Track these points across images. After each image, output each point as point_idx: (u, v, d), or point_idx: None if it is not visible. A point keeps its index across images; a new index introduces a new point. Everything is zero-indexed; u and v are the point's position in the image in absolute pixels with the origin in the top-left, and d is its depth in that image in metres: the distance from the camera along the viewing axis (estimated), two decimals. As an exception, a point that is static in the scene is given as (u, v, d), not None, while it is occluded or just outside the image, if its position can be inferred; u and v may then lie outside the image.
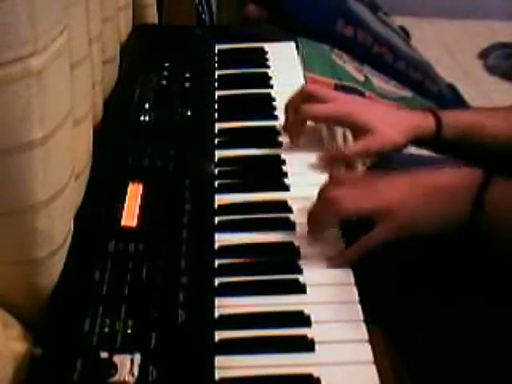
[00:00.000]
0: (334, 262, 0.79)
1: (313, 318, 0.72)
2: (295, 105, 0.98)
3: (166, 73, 1.11)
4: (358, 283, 0.77)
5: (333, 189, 0.82)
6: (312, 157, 0.96)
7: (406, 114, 0.95)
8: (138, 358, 0.64)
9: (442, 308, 0.89)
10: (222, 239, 0.82)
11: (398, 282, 0.90)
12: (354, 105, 0.95)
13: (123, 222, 0.80)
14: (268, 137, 1.01)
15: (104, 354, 0.64)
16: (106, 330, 0.66)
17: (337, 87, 1.60)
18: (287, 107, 1.00)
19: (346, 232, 0.83)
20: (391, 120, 0.93)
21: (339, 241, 0.82)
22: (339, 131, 1.43)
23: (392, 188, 0.80)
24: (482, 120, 0.95)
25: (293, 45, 1.27)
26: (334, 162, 0.94)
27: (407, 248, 0.83)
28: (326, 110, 0.95)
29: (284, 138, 1.00)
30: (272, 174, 0.94)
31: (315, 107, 0.95)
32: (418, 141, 0.94)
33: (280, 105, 1.06)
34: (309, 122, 0.99)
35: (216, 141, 0.99)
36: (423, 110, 0.97)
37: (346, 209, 0.79)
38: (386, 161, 1.01)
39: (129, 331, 0.67)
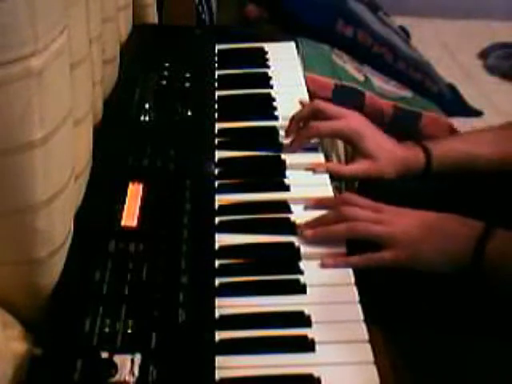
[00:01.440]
0: (336, 263, 0.79)
1: (313, 318, 0.72)
2: (302, 119, 0.99)
3: (166, 73, 1.11)
4: (357, 283, 0.77)
5: (347, 208, 0.84)
6: (312, 158, 0.97)
7: (398, 147, 0.98)
8: (138, 357, 0.64)
9: (443, 308, 0.89)
10: (222, 239, 0.82)
11: (399, 282, 0.90)
12: (361, 126, 0.97)
13: (123, 222, 0.80)
14: (268, 137, 1.01)
15: (104, 354, 0.64)
16: (107, 329, 0.66)
17: (337, 87, 1.60)
18: (293, 119, 1.00)
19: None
20: (388, 150, 0.96)
21: (340, 241, 0.82)
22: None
23: (401, 220, 0.83)
24: (472, 149, 0.98)
25: (293, 45, 1.27)
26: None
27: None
28: (334, 127, 0.97)
29: (284, 139, 1.00)
30: (272, 174, 0.94)
31: (325, 124, 0.97)
32: (408, 174, 0.97)
33: (280, 105, 1.06)
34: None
35: (216, 141, 0.99)
36: (414, 144, 0.99)
37: (359, 230, 0.82)
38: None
39: (129, 331, 0.67)
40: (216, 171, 0.93)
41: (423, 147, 0.97)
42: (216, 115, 1.05)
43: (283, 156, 0.97)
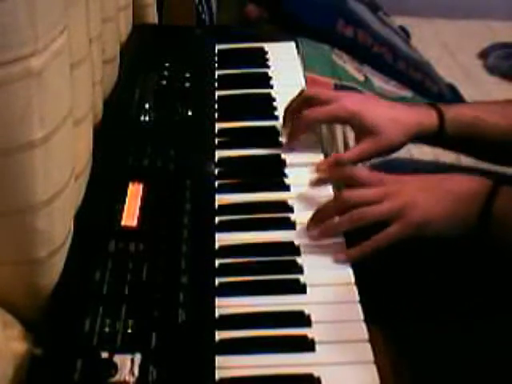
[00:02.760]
0: (347, 257, 0.79)
1: (313, 318, 0.72)
2: (296, 110, 0.98)
3: (166, 73, 1.11)
4: (357, 283, 0.77)
5: (347, 194, 0.82)
6: (312, 157, 0.97)
7: (408, 112, 0.95)
8: (138, 357, 0.64)
9: (443, 308, 0.89)
10: (222, 239, 0.82)
11: (399, 282, 0.90)
12: (356, 104, 0.94)
13: (123, 222, 0.80)
14: (268, 137, 1.01)
15: (104, 354, 0.64)
16: (107, 329, 0.66)
17: (337, 87, 1.60)
18: (287, 112, 1.00)
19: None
20: (393, 118, 0.93)
21: (340, 240, 0.82)
22: (339, 129, 1.43)
23: (405, 189, 0.81)
24: (482, 115, 0.95)
25: (293, 45, 1.27)
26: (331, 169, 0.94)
27: (409, 249, 0.83)
28: (329, 112, 0.95)
29: (284, 137, 1.00)
30: (272, 174, 0.94)
31: (317, 110, 0.95)
32: (421, 137, 0.95)
33: (280, 105, 1.06)
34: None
35: (216, 141, 0.99)
36: (427, 105, 0.97)
37: (365, 217, 0.80)
38: (387, 165, 1.02)
39: (129, 331, 0.67)
40: (216, 171, 0.93)
41: (435, 108, 0.95)
42: (216, 115, 1.05)
43: (283, 155, 0.97)
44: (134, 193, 0.84)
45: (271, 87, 1.12)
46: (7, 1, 0.56)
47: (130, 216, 0.80)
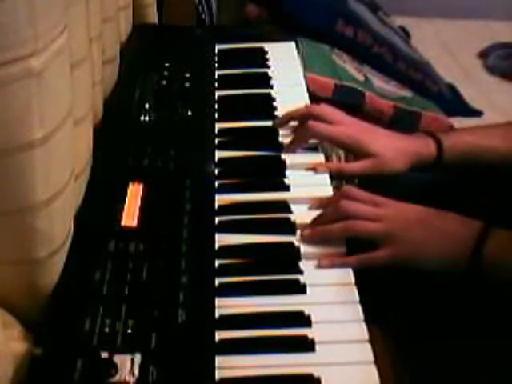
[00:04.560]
0: (332, 264, 0.79)
1: (313, 318, 0.72)
2: (297, 118, 1.00)
3: (166, 73, 1.11)
4: (357, 283, 0.77)
5: (346, 203, 0.83)
6: (312, 157, 0.97)
7: (406, 142, 0.97)
8: (138, 357, 0.64)
9: (443, 308, 0.89)
10: (222, 239, 0.82)
11: (399, 282, 0.90)
12: (358, 132, 0.96)
13: (123, 222, 0.80)
14: (268, 137, 1.01)
15: (104, 354, 0.64)
16: (107, 329, 0.66)
17: (337, 87, 1.60)
18: (286, 116, 1.01)
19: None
20: (392, 148, 0.95)
21: (340, 241, 0.82)
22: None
23: (400, 217, 0.82)
24: (482, 141, 0.97)
25: (293, 45, 1.27)
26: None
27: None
28: (332, 132, 0.96)
29: (284, 138, 1.00)
30: (272, 174, 0.94)
31: (323, 127, 0.96)
32: (419, 166, 0.96)
33: (280, 105, 1.06)
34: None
35: (216, 141, 0.99)
36: (425, 134, 0.98)
37: (356, 229, 0.81)
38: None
39: (129, 331, 0.67)
40: (216, 171, 0.93)
41: (434, 137, 0.96)
42: (216, 115, 1.05)
43: (283, 156, 0.97)
44: (134, 193, 0.84)
45: (271, 87, 1.12)
46: (7, 1, 0.56)
47: (130, 216, 0.80)
